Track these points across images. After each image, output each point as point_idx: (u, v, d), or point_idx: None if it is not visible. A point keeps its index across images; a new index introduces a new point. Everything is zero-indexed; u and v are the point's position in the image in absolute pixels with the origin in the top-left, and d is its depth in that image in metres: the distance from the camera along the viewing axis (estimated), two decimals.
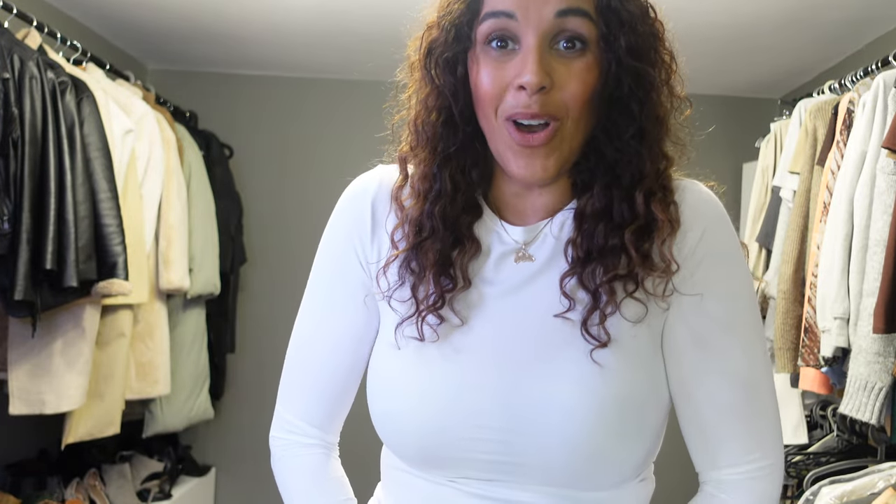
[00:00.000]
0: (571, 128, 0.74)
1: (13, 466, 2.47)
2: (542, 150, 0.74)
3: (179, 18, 2.83)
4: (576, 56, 0.72)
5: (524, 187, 0.82)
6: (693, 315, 0.79)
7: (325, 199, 4.39)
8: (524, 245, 0.82)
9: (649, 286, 0.77)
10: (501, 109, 0.74)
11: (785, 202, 2.41)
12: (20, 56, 1.87)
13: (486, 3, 0.73)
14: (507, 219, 0.84)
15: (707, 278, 0.79)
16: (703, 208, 0.81)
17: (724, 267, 0.80)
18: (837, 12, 2.52)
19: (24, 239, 1.81)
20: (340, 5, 2.62)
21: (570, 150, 0.75)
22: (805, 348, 2.10)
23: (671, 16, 0.79)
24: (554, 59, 0.72)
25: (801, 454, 2.39)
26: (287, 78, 3.60)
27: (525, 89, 0.71)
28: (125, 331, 2.36)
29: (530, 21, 0.70)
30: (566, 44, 0.71)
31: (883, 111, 1.92)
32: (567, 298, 0.77)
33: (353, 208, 0.91)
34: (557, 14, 0.70)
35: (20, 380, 2.00)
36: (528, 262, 0.82)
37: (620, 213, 0.77)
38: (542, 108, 0.71)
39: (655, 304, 0.79)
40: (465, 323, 0.81)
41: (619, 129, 0.76)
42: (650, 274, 0.77)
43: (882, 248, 1.79)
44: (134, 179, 2.39)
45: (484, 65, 0.74)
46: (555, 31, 0.71)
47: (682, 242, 0.79)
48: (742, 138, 3.44)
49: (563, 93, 0.72)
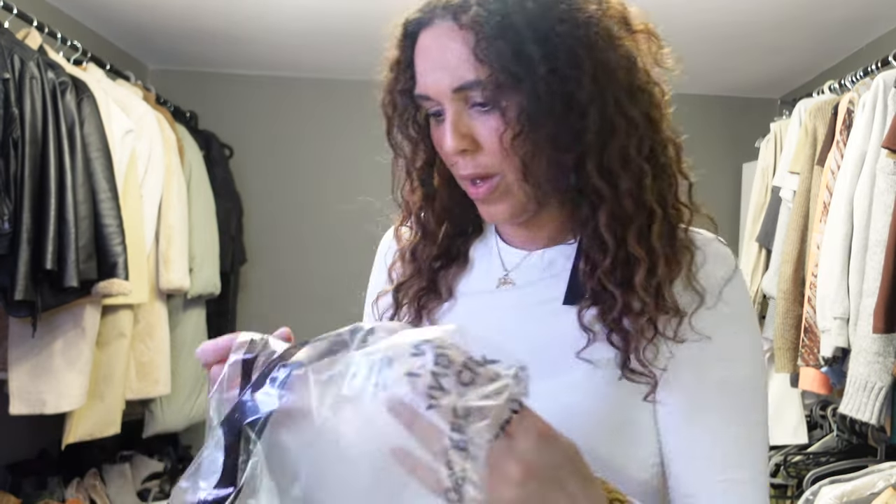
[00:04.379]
0: (513, 178, 0.75)
1: (13, 466, 2.47)
2: (492, 198, 0.77)
3: (179, 18, 2.83)
4: (487, 113, 0.74)
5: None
6: (695, 368, 0.76)
7: (324, 199, 4.42)
8: (508, 270, 0.85)
9: (662, 328, 0.75)
10: (454, 170, 0.79)
11: (785, 202, 2.41)
12: (20, 56, 1.88)
13: (416, 82, 0.78)
14: (509, 239, 0.87)
15: (717, 332, 0.76)
16: (719, 266, 0.78)
17: (738, 324, 0.78)
18: (837, 12, 2.52)
19: (24, 239, 1.81)
20: (340, 6, 2.62)
21: (523, 195, 0.76)
22: (805, 348, 2.11)
23: (671, 16, 0.79)
24: (473, 120, 0.75)
25: (801, 454, 2.39)
26: (287, 78, 3.60)
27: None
28: (125, 331, 2.36)
29: (440, 98, 0.75)
30: (477, 108, 0.75)
31: (883, 111, 1.92)
32: (587, 331, 0.76)
33: (378, 253, 1.00)
34: (454, 91, 0.74)
35: (20, 380, 2.00)
36: (509, 286, 0.84)
37: (621, 242, 0.76)
38: (476, 169, 0.76)
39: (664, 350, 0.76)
40: None
41: (556, 161, 0.75)
42: (663, 315, 0.75)
43: (882, 248, 1.79)
44: (134, 179, 2.39)
45: (433, 130, 0.80)
46: (461, 100, 0.75)
47: (695, 293, 0.77)
48: (742, 138, 3.44)
49: (486, 150, 0.75)
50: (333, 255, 3.40)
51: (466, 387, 0.50)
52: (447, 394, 0.50)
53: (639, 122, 0.75)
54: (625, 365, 0.74)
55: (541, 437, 0.52)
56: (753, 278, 2.60)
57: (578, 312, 0.77)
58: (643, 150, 0.75)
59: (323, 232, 3.54)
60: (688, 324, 0.75)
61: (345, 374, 0.54)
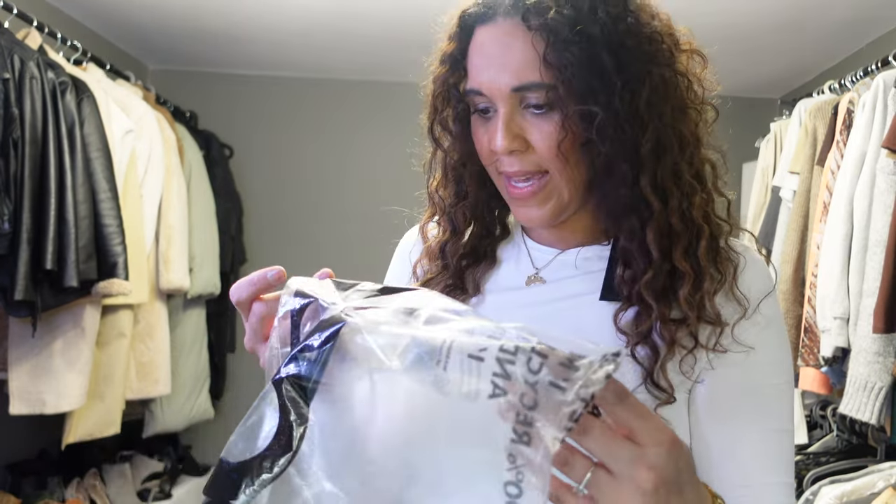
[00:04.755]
0: (559, 179, 0.76)
1: (13, 466, 2.47)
2: (534, 200, 0.77)
3: (180, 18, 2.83)
4: (542, 116, 0.74)
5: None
6: (735, 375, 0.77)
7: (324, 199, 4.41)
8: (539, 269, 0.85)
9: (703, 340, 0.76)
10: (496, 167, 0.79)
11: (785, 202, 2.41)
12: (20, 56, 1.88)
13: (469, 72, 0.78)
14: (538, 238, 0.87)
15: (758, 343, 0.78)
16: (760, 279, 0.80)
17: (775, 336, 0.80)
18: (837, 12, 2.52)
19: (24, 239, 1.81)
20: (341, 5, 2.62)
21: (567, 197, 0.77)
22: (805, 348, 2.11)
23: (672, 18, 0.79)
24: (526, 120, 0.75)
25: (801, 454, 2.39)
26: (287, 78, 3.60)
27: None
28: (125, 331, 2.36)
29: (494, 96, 0.75)
30: (533, 109, 0.75)
31: (883, 111, 1.92)
32: (623, 333, 0.76)
33: (399, 249, 0.99)
34: (513, 90, 0.74)
35: (20, 380, 2.00)
36: (539, 283, 0.84)
37: (661, 253, 0.76)
38: (522, 167, 0.76)
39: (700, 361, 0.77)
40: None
41: (618, 172, 0.75)
42: (705, 327, 0.75)
43: (882, 248, 1.79)
44: (134, 179, 2.39)
45: (476, 127, 0.79)
46: (517, 100, 0.75)
47: (737, 303, 0.77)
48: (742, 138, 3.44)
49: (538, 151, 0.75)
50: (333, 254, 3.40)
51: (536, 374, 0.47)
52: (514, 382, 0.47)
53: (689, 140, 0.76)
54: (647, 379, 0.74)
55: (672, 444, 0.51)
56: None
57: (615, 314, 0.77)
58: (693, 168, 0.77)
59: (323, 231, 3.54)
60: (729, 334, 0.75)
61: (398, 348, 0.51)
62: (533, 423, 0.47)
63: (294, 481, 0.54)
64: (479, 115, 0.78)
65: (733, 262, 0.78)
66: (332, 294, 0.58)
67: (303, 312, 0.58)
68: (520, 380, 0.47)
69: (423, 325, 0.53)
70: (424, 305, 0.54)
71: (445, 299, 0.56)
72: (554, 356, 0.47)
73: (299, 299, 0.58)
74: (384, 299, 0.57)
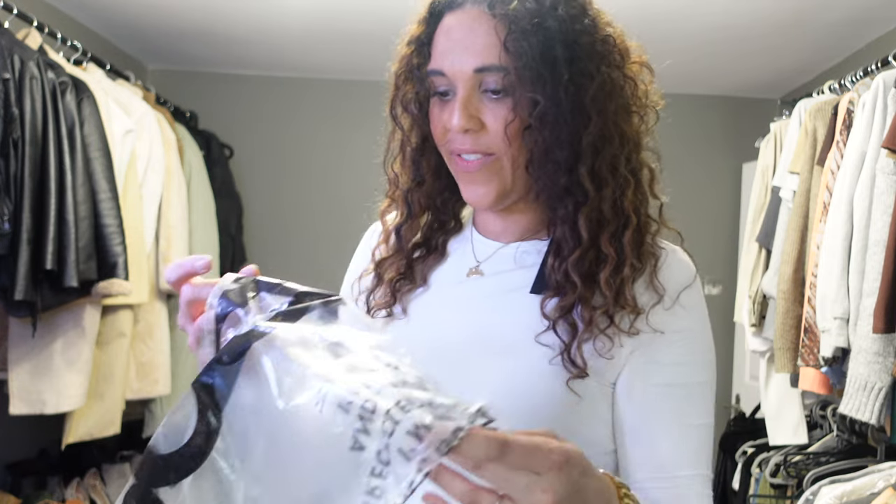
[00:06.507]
0: (507, 163, 0.81)
1: (13, 466, 2.47)
2: (480, 177, 0.82)
3: (179, 18, 2.83)
4: (499, 100, 0.80)
5: (498, 210, 0.88)
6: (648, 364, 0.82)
7: (324, 199, 4.42)
8: (480, 262, 0.89)
9: (617, 321, 0.81)
10: (448, 146, 0.83)
11: (785, 202, 2.41)
12: (20, 56, 1.88)
13: (432, 55, 0.83)
14: (485, 232, 0.91)
15: (671, 331, 0.82)
16: (681, 273, 0.84)
17: (697, 331, 0.84)
18: (837, 12, 2.52)
19: (24, 239, 1.81)
20: (340, 6, 2.62)
21: (512, 181, 0.82)
22: (805, 348, 2.11)
23: (672, 17, 0.80)
24: (483, 102, 0.80)
25: (801, 454, 2.39)
26: (287, 78, 3.60)
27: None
28: (125, 331, 2.36)
29: (456, 76, 0.80)
30: (491, 93, 0.80)
31: (883, 111, 1.92)
32: (547, 319, 0.81)
33: (362, 245, 1.04)
34: (475, 71, 0.79)
35: (20, 379, 2.00)
36: (477, 276, 0.89)
37: (593, 240, 0.81)
38: (473, 146, 0.81)
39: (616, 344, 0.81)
40: (408, 318, 0.90)
41: (556, 158, 0.80)
42: (620, 310, 0.80)
43: (882, 248, 1.79)
44: (134, 179, 2.39)
45: (434, 108, 0.84)
46: (477, 82, 0.80)
47: (655, 293, 0.82)
48: (742, 138, 3.44)
49: (490, 133, 0.80)
50: (333, 254, 3.40)
51: (389, 437, 0.50)
52: (371, 439, 0.50)
53: (629, 139, 0.83)
54: (565, 354, 0.79)
55: (563, 463, 0.54)
56: (753, 278, 2.60)
57: (542, 301, 0.82)
58: (629, 164, 0.83)
59: (323, 231, 3.54)
60: (644, 320, 0.81)
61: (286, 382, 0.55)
62: (386, 477, 0.50)
63: (218, 474, 0.57)
64: (439, 98, 0.83)
65: (656, 255, 0.84)
66: (250, 302, 0.62)
67: (224, 319, 0.62)
68: (375, 439, 0.50)
69: (322, 351, 0.56)
70: (330, 333, 0.58)
71: (355, 317, 0.60)
72: (407, 420, 0.50)
73: (224, 303, 0.62)
74: (299, 319, 0.60)
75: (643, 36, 0.86)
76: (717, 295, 3.61)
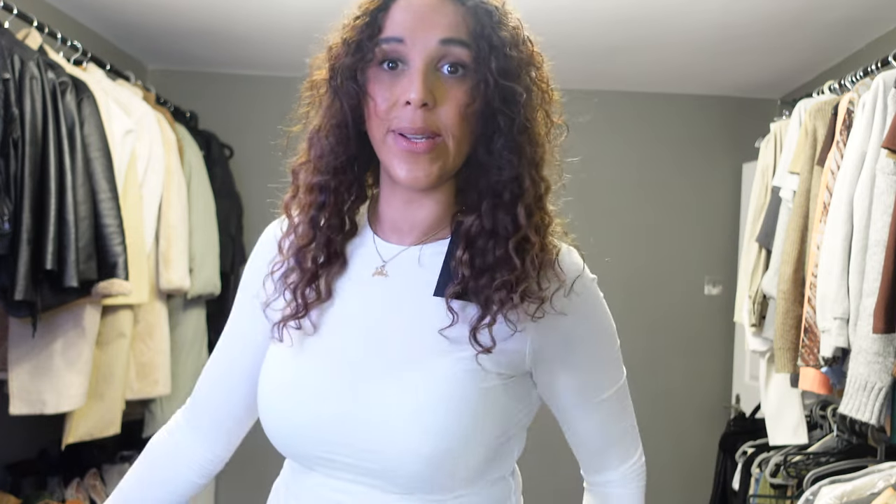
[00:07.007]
0: (452, 144, 0.82)
1: (13, 466, 2.47)
2: (426, 157, 0.81)
3: (180, 18, 2.83)
4: (456, 80, 0.81)
5: (405, 202, 0.89)
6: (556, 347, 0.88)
7: None
8: (385, 262, 0.90)
9: (524, 305, 0.84)
10: (390, 124, 0.82)
11: (785, 202, 2.41)
12: (20, 56, 1.87)
13: (385, 26, 0.82)
14: (385, 235, 0.92)
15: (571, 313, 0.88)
16: (575, 263, 0.90)
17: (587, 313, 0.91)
18: (837, 12, 2.52)
19: (24, 239, 1.81)
20: (340, 6, 2.62)
21: (452, 163, 0.83)
22: (805, 348, 2.10)
23: (671, 16, 0.80)
24: (437, 80, 0.81)
25: (801, 454, 2.39)
26: (287, 78, 3.59)
27: (410, 104, 0.79)
28: (125, 331, 2.36)
29: (417, 46, 0.80)
30: (449, 68, 0.81)
31: (883, 111, 1.92)
32: (452, 313, 0.84)
33: (264, 238, 1.05)
34: (441, 42, 0.80)
35: (20, 380, 2.00)
36: (382, 276, 0.89)
37: (504, 228, 0.84)
38: (425, 124, 0.80)
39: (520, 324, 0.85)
40: (319, 332, 0.90)
41: (492, 142, 0.83)
42: (526, 291, 0.84)
43: (882, 248, 1.79)
44: (134, 179, 2.39)
45: (378, 82, 0.83)
46: (439, 56, 0.80)
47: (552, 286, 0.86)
48: (742, 138, 3.44)
49: (443, 111, 0.80)
50: None
51: None
52: None
53: (541, 143, 0.86)
54: (472, 334, 0.82)
55: None
56: (753, 278, 2.60)
57: (448, 295, 0.84)
58: (550, 169, 0.88)
59: None
60: (549, 301, 0.84)
61: None
62: None
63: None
64: (386, 69, 0.82)
65: (557, 247, 0.88)
66: None
67: None
68: None
69: None
70: None
71: None
72: None
73: None
74: None
75: (643, 36, 0.86)
76: (717, 295, 3.60)
